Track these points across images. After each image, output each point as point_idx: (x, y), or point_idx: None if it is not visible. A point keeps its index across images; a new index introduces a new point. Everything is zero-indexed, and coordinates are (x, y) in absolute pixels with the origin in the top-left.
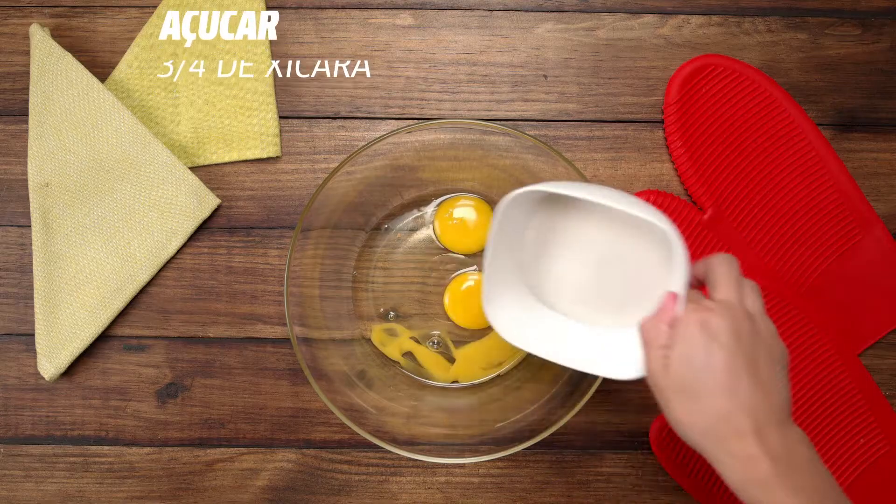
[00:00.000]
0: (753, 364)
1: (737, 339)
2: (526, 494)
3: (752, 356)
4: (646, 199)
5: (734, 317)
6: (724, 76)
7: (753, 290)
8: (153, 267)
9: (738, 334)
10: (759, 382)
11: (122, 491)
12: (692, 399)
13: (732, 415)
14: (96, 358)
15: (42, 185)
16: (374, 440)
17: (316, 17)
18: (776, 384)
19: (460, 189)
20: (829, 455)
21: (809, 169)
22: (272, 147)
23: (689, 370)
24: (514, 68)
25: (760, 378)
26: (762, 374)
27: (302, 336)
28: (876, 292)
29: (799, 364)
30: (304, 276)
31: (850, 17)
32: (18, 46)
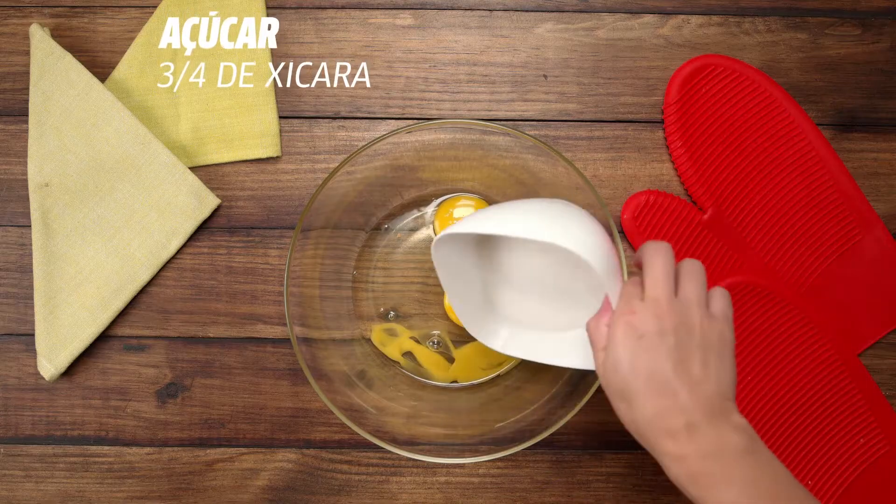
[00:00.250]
0: (683, 360)
1: (661, 337)
2: (526, 494)
3: (680, 352)
4: (645, 199)
5: (658, 314)
6: (724, 76)
7: (692, 276)
8: (153, 267)
9: (662, 333)
10: (690, 378)
11: (122, 491)
12: (627, 401)
13: (663, 415)
14: (96, 358)
15: (42, 185)
16: (374, 440)
17: (316, 17)
18: (711, 375)
19: (460, 189)
20: (829, 455)
21: (809, 169)
22: (272, 147)
23: (619, 374)
24: (514, 68)
25: (691, 373)
26: (693, 369)
27: (302, 336)
28: (876, 292)
29: (799, 364)
30: (304, 276)
31: (850, 17)
32: (18, 46)
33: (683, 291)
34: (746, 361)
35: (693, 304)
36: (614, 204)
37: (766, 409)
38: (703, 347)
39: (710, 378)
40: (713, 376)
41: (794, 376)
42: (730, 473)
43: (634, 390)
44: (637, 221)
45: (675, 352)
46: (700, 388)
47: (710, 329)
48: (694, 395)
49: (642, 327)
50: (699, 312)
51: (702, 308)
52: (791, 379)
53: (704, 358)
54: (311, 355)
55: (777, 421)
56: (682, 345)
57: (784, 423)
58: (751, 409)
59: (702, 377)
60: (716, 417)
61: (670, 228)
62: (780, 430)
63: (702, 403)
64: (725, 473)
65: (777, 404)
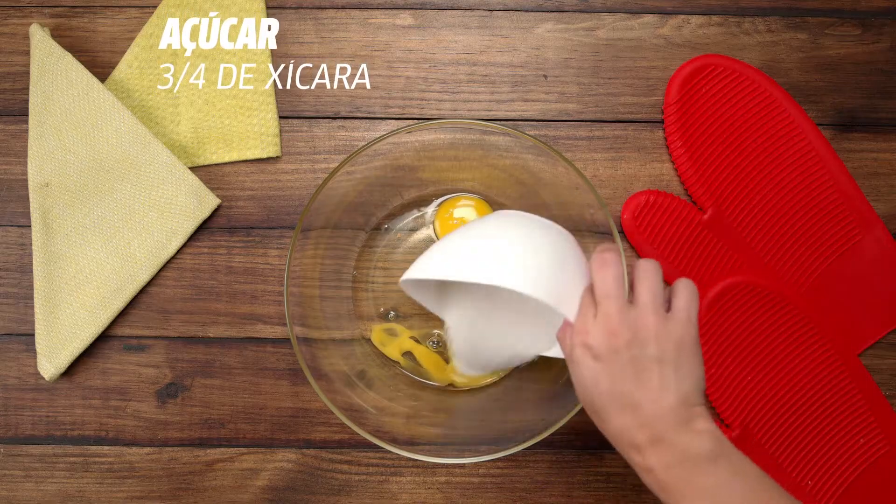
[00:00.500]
0: (640, 375)
1: (616, 355)
2: (526, 494)
3: (637, 368)
4: (645, 199)
5: (610, 331)
6: (724, 76)
7: (646, 278)
8: (153, 267)
9: (616, 351)
10: (649, 393)
11: (122, 491)
12: (595, 415)
13: (626, 430)
14: (96, 358)
15: (42, 185)
16: (374, 440)
17: (316, 17)
18: (670, 386)
19: (460, 189)
20: (829, 455)
21: (809, 169)
22: (272, 147)
23: (583, 391)
24: (514, 68)
25: (650, 387)
26: (652, 383)
27: (302, 336)
28: (876, 292)
29: (799, 364)
30: (304, 276)
31: (850, 17)
32: (18, 46)
33: (637, 297)
34: (746, 361)
35: (647, 311)
36: (614, 204)
37: (767, 409)
38: (660, 360)
39: (670, 389)
40: (672, 387)
41: (794, 376)
42: (695, 483)
43: (599, 406)
44: (637, 221)
45: (632, 368)
46: (660, 401)
47: (667, 337)
48: (655, 408)
49: (597, 347)
50: (654, 320)
51: (657, 313)
52: (791, 379)
53: (662, 370)
54: (311, 355)
55: (777, 421)
56: (637, 360)
57: (784, 423)
58: (751, 409)
59: (661, 389)
60: (679, 427)
61: (670, 228)
62: (780, 430)
63: (663, 416)
64: (691, 483)
65: (777, 404)
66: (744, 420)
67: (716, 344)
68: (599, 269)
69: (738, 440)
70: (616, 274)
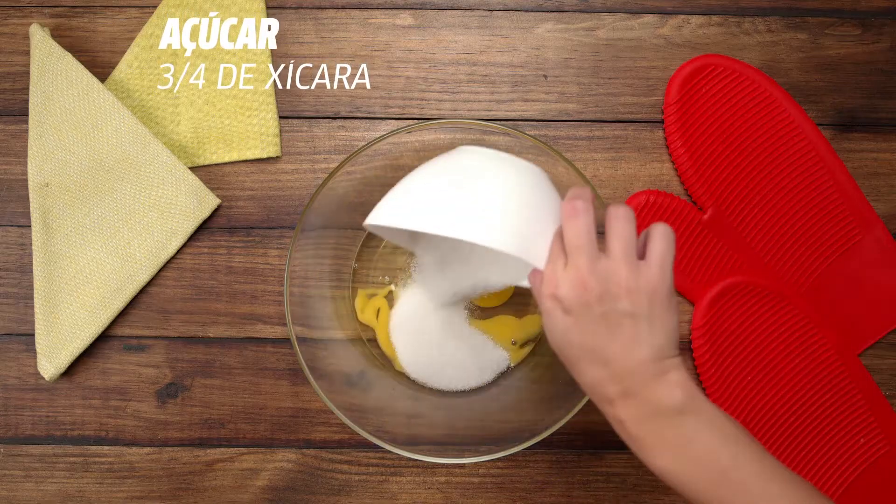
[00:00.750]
0: (612, 329)
1: (586, 309)
2: (526, 494)
3: (608, 322)
4: (645, 199)
5: (580, 284)
6: (724, 76)
7: (617, 226)
8: (153, 267)
9: (586, 304)
10: (621, 346)
11: (122, 491)
12: (570, 366)
13: (599, 383)
14: (96, 358)
15: (42, 185)
16: (374, 440)
17: (316, 17)
18: (643, 340)
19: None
20: (829, 455)
21: (809, 169)
22: (272, 147)
23: (556, 343)
24: (514, 68)
25: (622, 341)
26: (624, 336)
27: (302, 336)
28: (876, 292)
29: (799, 364)
30: (304, 276)
31: (850, 17)
32: (18, 46)
33: (609, 246)
34: (746, 361)
35: (619, 262)
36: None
37: (767, 408)
38: (632, 314)
39: (643, 342)
40: (645, 340)
41: (794, 376)
42: (662, 437)
43: (572, 359)
44: (637, 221)
45: (603, 322)
46: (632, 354)
47: (639, 290)
48: (626, 363)
49: (567, 300)
50: (626, 270)
51: (629, 264)
52: (791, 379)
53: (634, 324)
54: (311, 355)
55: (777, 421)
56: (608, 315)
57: (784, 423)
58: (751, 408)
59: (633, 344)
60: (650, 381)
61: None
62: (780, 430)
63: (635, 370)
64: (659, 437)
65: (777, 404)
66: (744, 420)
67: (716, 344)
68: (569, 219)
69: None
70: (586, 224)
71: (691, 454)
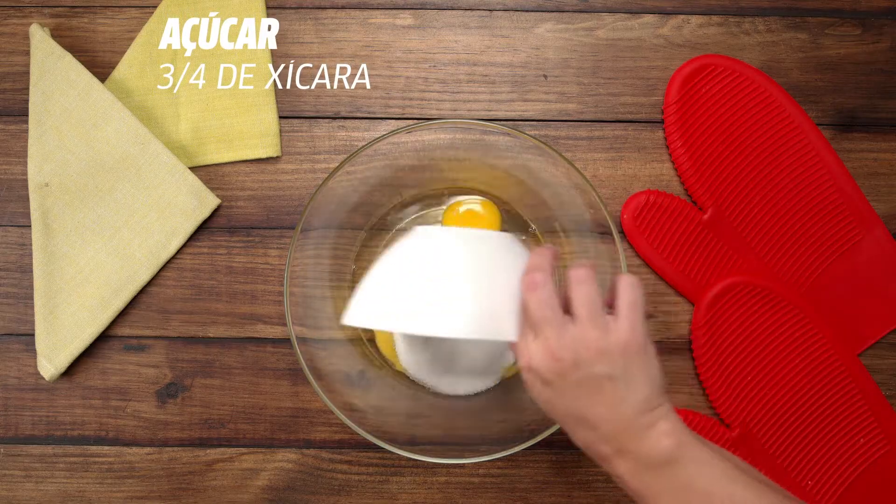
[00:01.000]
0: (592, 393)
1: (562, 379)
2: (526, 494)
3: (587, 387)
4: (645, 199)
5: (551, 355)
6: (724, 76)
7: (580, 288)
8: (153, 267)
9: (561, 374)
10: (604, 408)
11: (122, 491)
12: (562, 426)
13: (591, 444)
14: (96, 358)
15: (42, 185)
16: (374, 440)
17: (316, 17)
18: (625, 397)
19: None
20: (829, 455)
21: (809, 169)
22: (272, 147)
23: (543, 410)
24: (514, 68)
25: (604, 399)
26: (605, 397)
27: (302, 336)
28: (876, 292)
29: (799, 364)
30: (304, 276)
31: (850, 17)
32: (18, 46)
33: (574, 311)
34: (746, 361)
35: (587, 325)
36: (614, 204)
37: (767, 409)
38: (609, 376)
39: (625, 400)
40: (627, 398)
41: (794, 376)
42: (661, 488)
43: (561, 422)
44: (637, 221)
45: (582, 388)
46: (617, 413)
47: (609, 349)
48: (613, 422)
49: (542, 372)
50: (594, 333)
51: (597, 325)
52: (791, 379)
53: (613, 386)
54: (310, 355)
55: (777, 421)
56: (585, 381)
57: (784, 423)
58: (751, 409)
59: (616, 403)
60: (640, 435)
61: (670, 228)
62: (780, 430)
63: (623, 428)
64: (657, 488)
65: (777, 404)
66: (744, 420)
67: (716, 344)
68: (529, 293)
69: (738, 440)
70: (547, 296)
71: (691, 500)
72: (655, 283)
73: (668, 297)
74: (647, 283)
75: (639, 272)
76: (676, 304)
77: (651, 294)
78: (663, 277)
